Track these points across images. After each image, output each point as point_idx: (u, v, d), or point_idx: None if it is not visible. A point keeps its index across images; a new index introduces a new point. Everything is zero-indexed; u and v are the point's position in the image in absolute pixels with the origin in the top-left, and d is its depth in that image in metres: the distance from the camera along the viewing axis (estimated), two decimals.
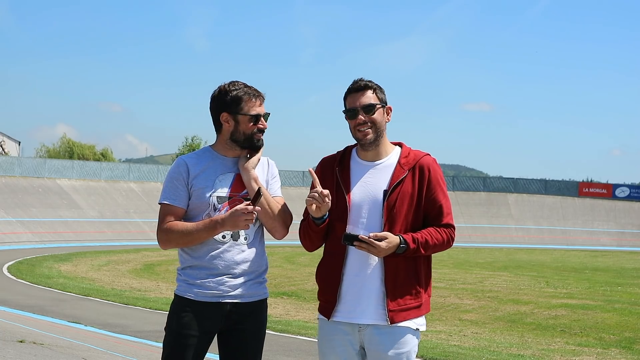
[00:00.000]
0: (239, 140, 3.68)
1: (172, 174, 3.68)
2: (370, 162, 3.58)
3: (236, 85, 3.69)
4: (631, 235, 57.67)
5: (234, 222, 3.53)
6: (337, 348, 3.53)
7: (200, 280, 3.62)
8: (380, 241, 3.37)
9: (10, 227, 39.99)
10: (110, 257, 29.40)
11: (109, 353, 8.27)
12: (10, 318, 11.41)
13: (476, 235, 53.90)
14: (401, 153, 3.60)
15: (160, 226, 3.67)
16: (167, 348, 3.66)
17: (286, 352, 9.64)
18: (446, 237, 3.52)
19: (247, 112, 3.65)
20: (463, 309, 15.25)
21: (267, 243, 3.80)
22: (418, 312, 3.52)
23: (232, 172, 3.70)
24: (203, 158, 3.71)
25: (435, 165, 3.58)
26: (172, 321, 3.66)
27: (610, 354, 10.37)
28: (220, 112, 3.69)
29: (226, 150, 3.73)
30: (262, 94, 3.72)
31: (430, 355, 9.47)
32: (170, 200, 3.66)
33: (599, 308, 15.13)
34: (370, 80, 3.59)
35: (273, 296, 17.58)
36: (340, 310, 3.52)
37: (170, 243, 3.66)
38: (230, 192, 3.67)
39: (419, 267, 3.52)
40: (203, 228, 3.58)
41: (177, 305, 3.67)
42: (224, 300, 3.62)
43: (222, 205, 3.64)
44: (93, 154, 68.73)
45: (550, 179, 63.16)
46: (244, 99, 3.66)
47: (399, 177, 3.51)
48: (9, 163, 47.08)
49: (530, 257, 36.73)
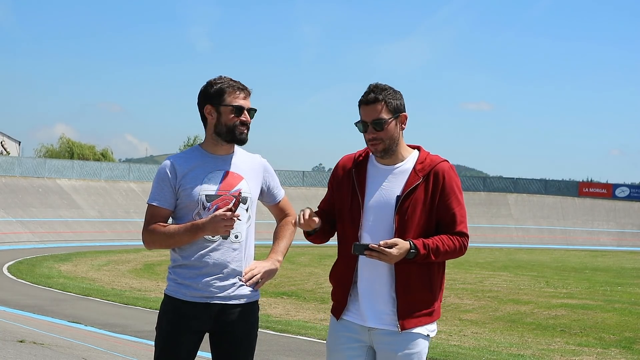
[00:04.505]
0: (222, 133, 3.65)
1: (159, 175, 3.68)
2: (387, 167, 3.54)
3: (222, 78, 3.68)
4: (631, 235, 57.65)
5: (213, 227, 3.52)
6: (343, 345, 3.52)
7: (189, 280, 3.61)
8: (391, 248, 3.34)
9: (10, 227, 39.98)
10: (110, 257, 29.41)
11: (109, 353, 8.27)
12: (10, 318, 11.40)
13: (476, 235, 53.85)
14: (418, 158, 3.54)
15: (145, 227, 3.68)
16: (157, 347, 3.67)
17: (286, 352, 9.63)
18: (458, 244, 3.47)
19: (229, 103, 3.64)
20: (463, 309, 15.25)
21: (268, 243, 3.80)
22: (430, 319, 3.49)
23: (221, 170, 3.67)
24: (192, 157, 3.69)
25: (451, 172, 3.52)
26: (162, 321, 3.67)
27: (610, 354, 10.37)
28: (204, 105, 3.68)
29: (214, 147, 3.70)
30: (248, 88, 3.70)
31: (430, 355, 9.47)
32: (155, 202, 3.66)
33: (599, 308, 15.13)
34: (383, 90, 3.49)
35: (273, 296, 17.57)
36: (350, 310, 3.52)
37: (155, 244, 3.67)
38: (219, 190, 3.64)
39: (432, 274, 3.48)
40: (184, 232, 3.57)
41: (167, 305, 3.68)
42: (213, 302, 3.61)
43: (212, 204, 3.62)
44: (93, 154, 68.68)
45: (550, 179, 63.14)
46: (227, 91, 3.64)
47: (412, 183, 3.47)
48: (9, 163, 47.06)
49: (530, 257, 36.73)
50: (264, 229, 7.96)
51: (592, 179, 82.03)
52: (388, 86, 3.53)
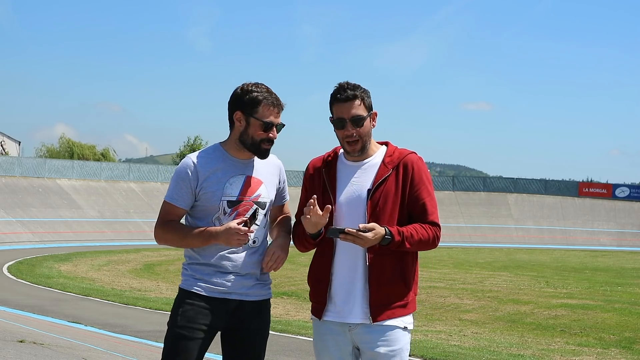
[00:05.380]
0: (246, 143, 3.60)
1: (179, 174, 3.62)
2: (356, 163, 3.58)
3: (259, 87, 3.60)
4: (631, 235, 57.65)
5: (227, 239, 3.52)
6: (330, 348, 3.56)
7: (207, 276, 3.60)
8: (367, 232, 3.36)
9: (10, 227, 39.98)
10: (110, 257, 29.39)
11: (109, 353, 8.26)
12: (10, 318, 11.40)
13: (476, 235, 53.86)
14: (386, 152, 3.59)
15: (159, 223, 3.66)
16: (169, 342, 3.59)
17: (286, 352, 9.63)
18: (432, 234, 3.49)
19: (261, 117, 3.56)
20: (463, 309, 15.25)
21: None
22: (404, 311, 3.52)
23: (243, 175, 3.64)
24: (213, 158, 3.64)
25: (420, 163, 3.56)
26: (177, 315, 3.60)
27: (610, 354, 10.37)
28: (235, 110, 3.61)
29: (237, 151, 3.65)
30: (283, 103, 3.62)
31: (430, 355, 9.47)
32: (172, 200, 3.63)
33: (599, 308, 15.12)
34: (357, 87, 3.53)
35: (273, 296, 17.53)
36: (330, 310, 3.54)
37: (166, 242, 3.67)
38: (239, 195, 3.62)
39: (405, 267, 3.52)
40: (197, 236, 3.57)
41: (182, 299, 3.63)
42: (231, 297, 3.61)
43: (232, 210, 3.60)
44: (93, 154, 68.64)
45: (550, 179, 63.15)
46: (262, 103, 3.57)
47: (382, 175, 3.51)
48: (9, 163, 47.06)
49: (530, 257, 36.73)
50: None
51: (592, 179, 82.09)
52: (359, 84, 3.56)
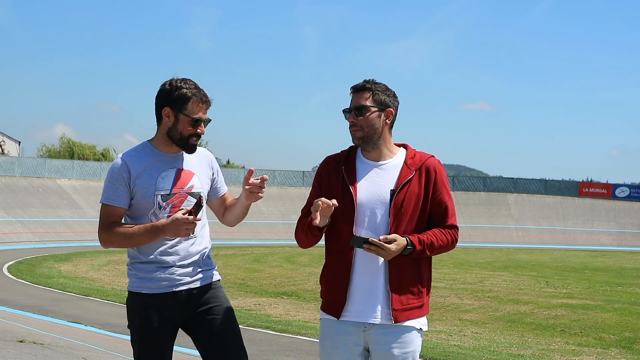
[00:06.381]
0: (174, 138, 3.67)
1: (112, 174, 3.66)
2: (375, 162, 3.57)
3: (188, 83, 3.66)
4: (631, 235, 57.66)
5: (175, 230, 3.55)
6: (340, 348, 3.54)
7: (151, 273, 3.64)
8: (390, 243, 3.37)
9: (10, 227, 40.00)
10: (110, 257, 29.39)
11: (109, 353, 8.26)
12: (10, 318, 11.40)
13: (476, 235, 53.88)
14: (407, 154, 3.60)
15: (101, 226, 3.67)
16: (135, 345, 3.68)
17: (286, 352, 9.63)
18: (450, 238, 3.53)
19: (190, 113, 3.63)
20: (463, 309, 15.25)
21: (267, 243, 3.82)
22: (420, 312, 3.54)
23: (174, 168, 3.70)
24: (143, 155, 3.69)
25: (440, 167, 3.59)
26: (134, 318, 3.68)
27: (610, 354, 10.37)
28: (164, 106, 3.67)
29: (165, 146, 3.71)
30: (210, 99, 3.70)
31: (430, 355, 9.47)
32: (111, 201, 3.65)
33: (599, 308, 15.14)
34: (373, 82, 3.56)
35: (273, 296, 17.59)
36: (349, 309, 3.52)
37: (113, 244, 3.67)
38: (172, 188, 3.67)
39: (422, 268, 3.54)
40: (144, 233, 3.59)
41: (134, 302, 3.69)
42: (178, 289, 3.65)
43: (167, 203, 3.65)
44: (93, 154, 68.67)
45: (550, 179, 63.16)
46: (192, 99, 3.64)
47: (406, 177, 3.51)
48: (9, 163, 47.09)
49: (530, 257, 36.74)
50: (264, 229, 8.01)
51: (592, 179, 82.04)
52: (383, 83, 3.59)
